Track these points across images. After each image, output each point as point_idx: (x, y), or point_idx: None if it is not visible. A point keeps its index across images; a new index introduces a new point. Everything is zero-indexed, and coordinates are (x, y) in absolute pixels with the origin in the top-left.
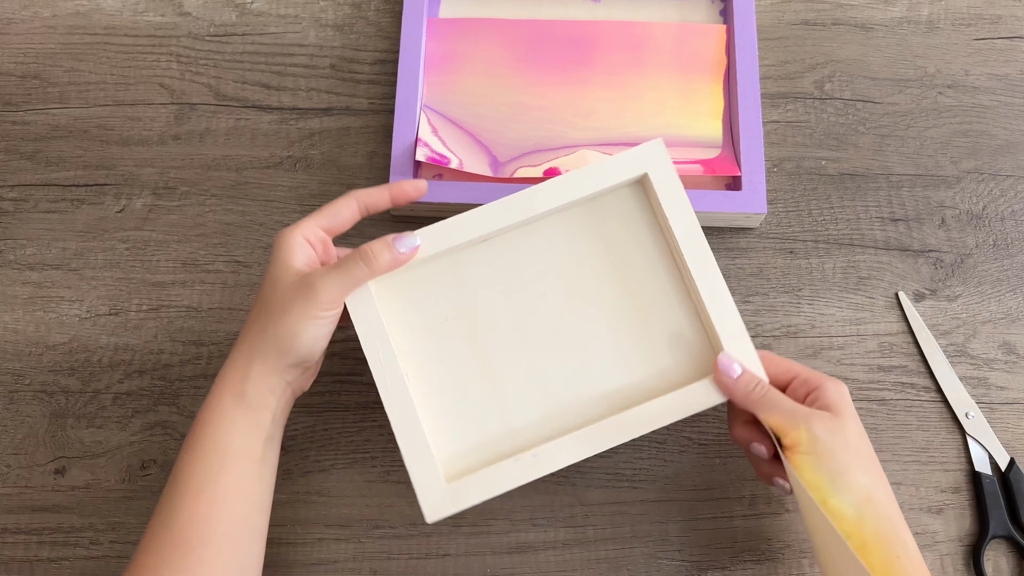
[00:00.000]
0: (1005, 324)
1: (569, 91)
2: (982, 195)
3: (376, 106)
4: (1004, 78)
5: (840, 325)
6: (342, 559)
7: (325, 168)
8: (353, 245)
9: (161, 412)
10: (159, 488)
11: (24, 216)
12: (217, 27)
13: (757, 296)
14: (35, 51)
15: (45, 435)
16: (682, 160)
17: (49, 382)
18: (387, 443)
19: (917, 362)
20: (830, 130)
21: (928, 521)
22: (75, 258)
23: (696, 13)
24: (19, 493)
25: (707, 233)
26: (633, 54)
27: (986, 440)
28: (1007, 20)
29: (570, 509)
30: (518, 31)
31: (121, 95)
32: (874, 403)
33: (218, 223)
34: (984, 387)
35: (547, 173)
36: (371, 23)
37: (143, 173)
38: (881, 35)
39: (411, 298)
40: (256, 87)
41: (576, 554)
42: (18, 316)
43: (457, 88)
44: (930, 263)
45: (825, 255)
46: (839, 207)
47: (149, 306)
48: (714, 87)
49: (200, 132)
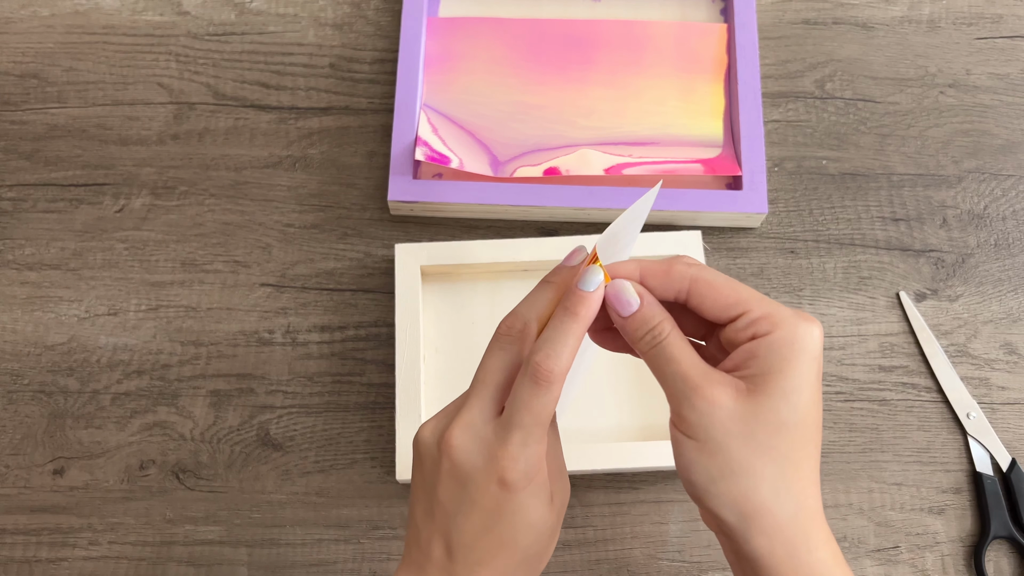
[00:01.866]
0: (1006, 324)
1: (569, 90)
2: (983, 195)
3: (375, 105)
4: (1005, 77)
5: (841, 325)
6: (342, 560)
7: (324, 167)
8: (353, 242)
9: (160, 412)
10: (158, 488)
11: (22, 216)
12: (216, 26)
13: None
14: (33, 50)
15: (44, 435)
16: (682, 160)
17: (48, 382)
18: (387, 444)
19: (918, 362)
20: (831, 129)
21: (929, 522)
22: (74, 258)
23: (697, 12)
24: (18, 493)
25: (708, 233)
26: (633, 53)
27: (987, 440)
28: (1008, 19)
29: (570, 509)
30: (518, 30)
31: (120, 94)
32: (875, 403)
33: (217, 223)
34: (985, 387)
35: (547, 172)
36: (370, 22)
37: (142, 173)
38: (882, 34)
39: (452, 298)
40: (255, 86)
41: (576, 554)
42: (16, 316)
43: (457, 87)
44: (931, 263)
45: (826, 255)
46: (840, 207)
47: (148, 306)
48: (715, 86)
49: (199, 132)
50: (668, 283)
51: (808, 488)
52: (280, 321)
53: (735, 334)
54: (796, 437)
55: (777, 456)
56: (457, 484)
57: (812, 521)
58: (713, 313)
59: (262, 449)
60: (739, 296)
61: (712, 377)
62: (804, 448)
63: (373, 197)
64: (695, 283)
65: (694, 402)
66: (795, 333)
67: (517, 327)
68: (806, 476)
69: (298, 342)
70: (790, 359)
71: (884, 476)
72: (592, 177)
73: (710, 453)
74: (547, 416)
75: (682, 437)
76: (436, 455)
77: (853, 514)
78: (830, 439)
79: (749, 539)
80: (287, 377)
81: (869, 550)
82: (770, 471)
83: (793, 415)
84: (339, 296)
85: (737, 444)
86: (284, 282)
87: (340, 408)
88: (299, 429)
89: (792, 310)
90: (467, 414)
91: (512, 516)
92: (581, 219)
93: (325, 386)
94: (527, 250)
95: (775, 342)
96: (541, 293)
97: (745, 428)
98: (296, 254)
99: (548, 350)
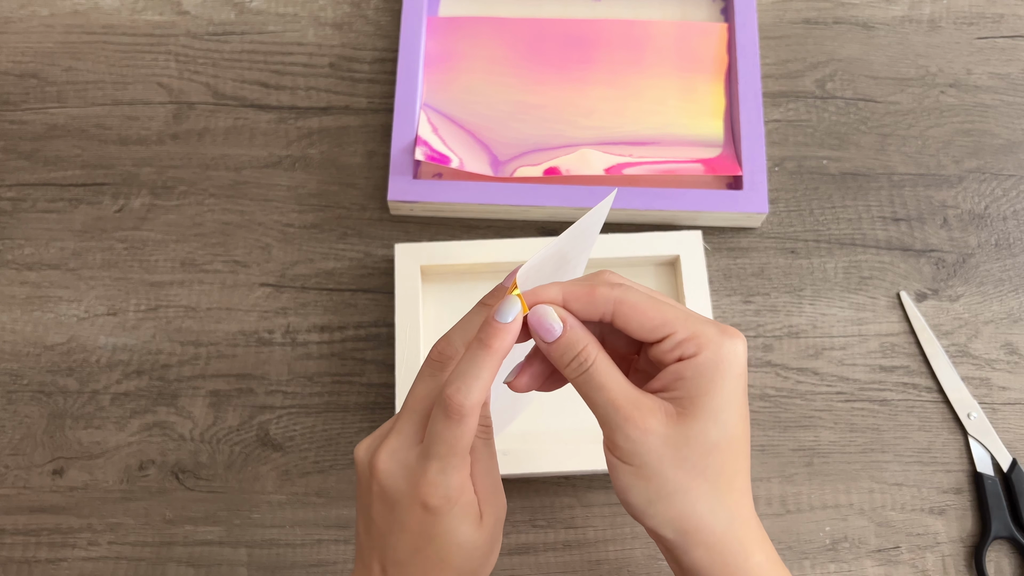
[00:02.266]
0: (1007, 324)
1: (569, 90)
2: (984, 195)
3: (375, 105)
4: (1006, 77)
5: (842, 325)
6: (342, 560)
7: (324, 167)
8: (353, 242)
9: (159, 412)
10: (158, 489)
11: (22, 216)
12: (216, 26)
13: (759, 296)
14: (33, 50)
15: (43, 435)
16: (683, 159)
17: (47, 382)
18: None
19: (919, 362)
20: (832, 129)
21: (930, 522)
22: (73, 258)
23: (697, 11)
24: (17, 494)
25: (708, 233)
26: (634, 53)
27: (988, 441)
28: (1009, 19)
29: (570, 510)
30: (518, 29)
31: (119, 94)
32: (876, 403)
33: (216, 223)
34: (986, 387)
35: (547, 172)
36: (370, 22)
37: (141, 172)
38: (883, 34)
39: (452, 298)
40: (255, 86)
41: (576, 555)
42: (16, 316)
43: (457, 87)
44: (932, 263)
45: (827, 255)
46: (841, 207)
47: (147, 306)
48: (715, 86)
49: (198, 131)
50: (592, 306)
51: (741, 499)
52: (280, 321)
53: (662, 355)
54: (727, 454)
55: (710, 475)
56: (386, 506)
57: (747, 528)
58: (640, 334)
59: (262, 449)
60: (664, 317)
61: (642, 404)
62: (735, 463)
63: (373, 197)
64: (619, 305)
65: (627, 431)
66: (719, 353)
67: (447, 353)
68: (739, 488)
69: (298, 342)
70: (716, 380)
71: (885, 476)
72: (592, 177)
73: (646, 478)
74: (463, 446)
75: (617, 462)
76: (368, 476)
77: (854, 514)
78: (831, 439)
79: (688, 551)
80: (287, 377)
81: (870, 550)
82: (704, 489)
83: (723, 434)
84: (339, 296)
85: (671, 467)
86: (284, 282)
87: (340, 408)
88: (299, 429)
89: (717, 326)
90: (393, 440)
91: (440, 538)
92: None
93: (325, 386)
94: (527, 250)
95: (701, 364)
96: (475, 316)
97: (677, 452)
98: (296, 254)
99: (459, 383)
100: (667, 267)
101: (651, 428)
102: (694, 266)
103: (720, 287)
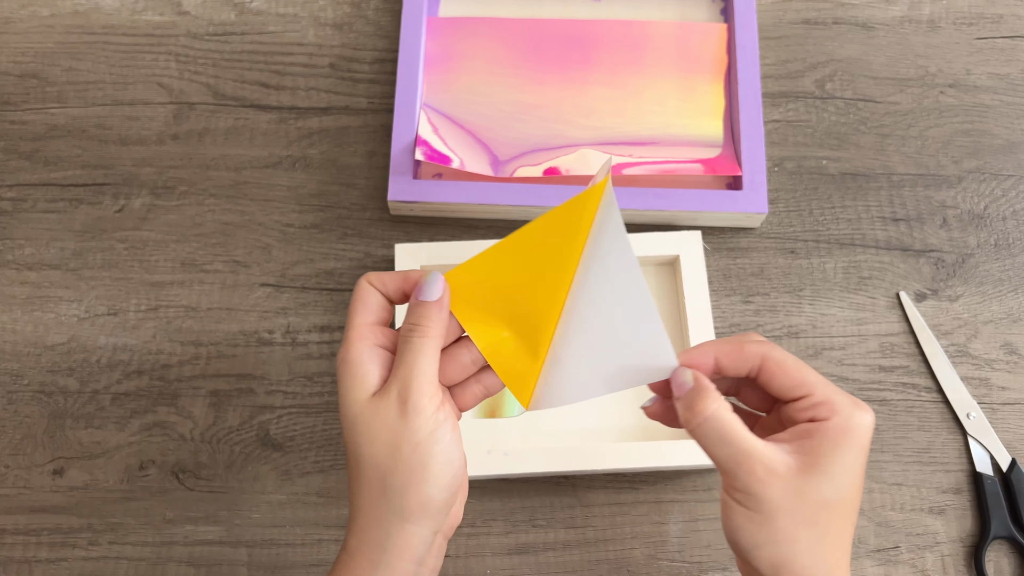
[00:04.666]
0: (1007, 324)
1: (569, 90)
2: (983, 195)
3: (375, 105)
4: (1006, 77)
5: (841, 325)
6: None
7: (324, 167)
8: (353, 242)
9: (160, 412)
10: (158, 489)
11: (22, 216)
12: (216, 26)
13: (758, 296)
14: (33, 50)
15: (43, 435)
16: (682, 160)
17: (47, 382)
18: None
19: (918, 362)
20: (831, 129)
21: (929, 522)
22: (73, 258)
23: (697, 12)
24: (17, 494)
25: (708, 233)
26: (633, 53)
27: (987, 441)
28: (1008, 19)
29: (570, 510)
30: (518, 30)
31: (119, 94)
32: (875, 403)
33: (217, 223)
34: (985, 387)
35: (547, 172)
36: (370, 22)
37: (141, 173)
38: (882, 34)
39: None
40: (255, 86)
41: (576, 555)
42: (16, 316)
43: (457, 87)
44: (931, 263)
45: (826, 255)
46: (840, 207)
47: (148, 306)
48: (715, 86)
49: (199, 132)
50: (741, 362)
51: (843, 558)
52: (280, 321)
53: (795, 413)
54: (838, 513)
55: (818, 531)
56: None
57: None
58: (779, 391)
59: (262, 449)
60: (805, 379)
61: (768, 453)
62: (844, 523)
63: (373, 197)
64: (766, 361)
65: (753, 476)
66: (850, 422)
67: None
68: (842, 547)
69: (298, 342)
70: (841, 444)
71: (884, 476)
72: (592, 177)
73: (758, 523)
74: (358, 322)
75: (733, 503)
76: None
77: None
78: None
79: None
80: (287, 377)
81: (869, 550)
82: (810, 542)
83: (838, 495)
84: (339, 296)
85: (785, 516)
86: (284, 282)
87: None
88: (299, 429)
89: (849, 398)
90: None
91: (340, 400)
92: None
93: (325, 386)
94: None
95: (831, 428)
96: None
97: (793, 503)
98: (296, 254)
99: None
100: (667, 267)
101: (776, 476)
102: (694, 266)
103: (720, 287)
